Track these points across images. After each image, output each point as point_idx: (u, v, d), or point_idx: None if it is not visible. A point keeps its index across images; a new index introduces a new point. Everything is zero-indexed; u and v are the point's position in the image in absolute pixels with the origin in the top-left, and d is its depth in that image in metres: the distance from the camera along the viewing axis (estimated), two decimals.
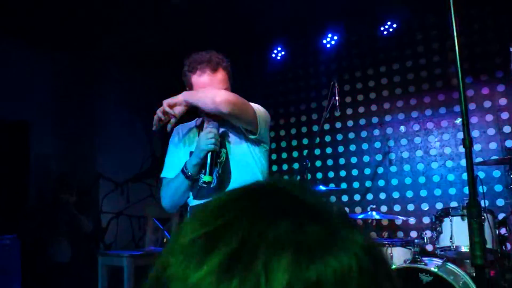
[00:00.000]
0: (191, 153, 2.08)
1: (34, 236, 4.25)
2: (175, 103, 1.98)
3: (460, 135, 4.32)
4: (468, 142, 1.63)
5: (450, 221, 3.19)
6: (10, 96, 4.53)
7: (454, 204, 3.84)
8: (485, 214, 3.11)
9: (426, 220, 4.42)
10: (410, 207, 4.60)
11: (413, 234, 4.45)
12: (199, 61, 2.02)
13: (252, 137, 2.06)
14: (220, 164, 2.04)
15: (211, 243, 0.39)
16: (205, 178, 1.94)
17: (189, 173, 2.00)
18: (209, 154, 1.95)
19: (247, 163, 2.07)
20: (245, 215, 0.41)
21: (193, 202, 2.10)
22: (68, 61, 5.07)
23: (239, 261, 0.37)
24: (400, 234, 4.59)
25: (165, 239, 4.39)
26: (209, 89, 2.01)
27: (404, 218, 4.01)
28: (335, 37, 5.01)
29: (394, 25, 4.71)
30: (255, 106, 2.10)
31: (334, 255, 0.39)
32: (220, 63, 2.03)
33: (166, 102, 1.98)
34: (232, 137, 2.09)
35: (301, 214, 0.42)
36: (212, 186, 2.00)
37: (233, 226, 0.40)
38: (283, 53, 5.30)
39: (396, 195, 4.69)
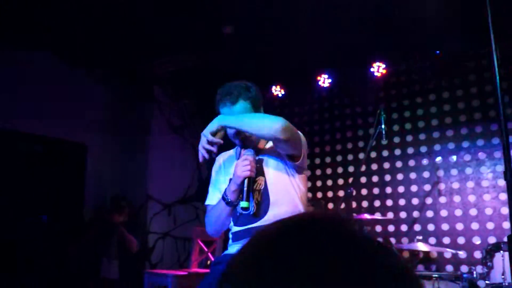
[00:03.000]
0: (231, 180, 2.14)
1: (87, 254, 4.45)
2: (215, 131, 2.03)
3: None
4: (509, 175, 1.59)
5: (502, 256, 3.06)
6: (69, 117, 4.84)
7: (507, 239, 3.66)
8: None
9: (477, 254, 4.24)
10: (461, 240, 4.42)
11: (463, 268, 4.27)
12: (221, 94, 2.09)
13: (295, 163, 2.10)
14: (259, 191, 2.08)
15: (262, 273, 0.43)
16: (242, 204, 2.00)
17: (229, 200, 2.07)
18: (246, 180, 2.01)
19: (286, 190, 2.10)
20: (299, 244, 0.45)
21: (234, 228, 2.16)
22: (121, 83, 5.37)
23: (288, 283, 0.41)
24: (449, 268, 4.41)
25: (209, 261, 4.45)
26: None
27: (453, 251, 3.86)
28: (383, 65, 4.98)
29: (442, 54, 4.64)
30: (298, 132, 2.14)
31: (376, 285, 0.43)
32: (240, 95, 2.06)
33: (208, 132, 2.02)
34: (271, 164, 2.12)
35: (348, 245, 0.46)
36: (250, 212, 2.05)
37: (286, 250, 0.44)
38: (330, 80, 5.33)
39: (445, 227, 4.53)
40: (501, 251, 3.07)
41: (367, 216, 4.01)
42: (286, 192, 2.10)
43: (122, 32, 4.36)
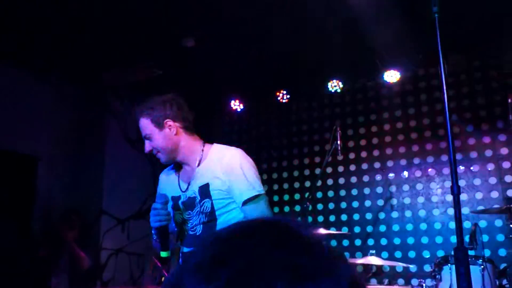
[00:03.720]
0: (172, 198, 2.19)
1: (36, 269, 4.25)
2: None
3: (462, 182, 4.34)
4: (457, 190, 1.68)
5: (450, 269, 3.17)
6: (20, 129, 4.65)
7: None
8: (485, 264, 3.10)
9: (427, 267, 4.37)
10: (411, 254, 4.56)
11: (414, 281, 4.39)
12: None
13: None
14: (206, 214, 2.10)
15: (221, 263, 0.45)
16: (162, 254, 2.05)
17: (156, 247, 2.13)
18: (159, 231, 2.05)
19: (231, 209, 2.11)
20: (246, 245, 0.47)
21: (184, 249, 2.20)
22: (76, 95, 5.22)
23: (246, 279, 0.43)
24: (401, 281, 4.52)
25: (163, 278, 4.35)
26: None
27: (404, 265, 3.97)
28: (339, 83, 5.10)
29: (398, 73, 4.81)
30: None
31: (323, 283, 0.45)
32: (140, 113, 2.18)
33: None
34: (216, 187, 2.11)
35: (299, 246, 0.48)
36: (197, 233, 2.12)
37: (235, 255, 0.46)
38: (288, 96, 5.40)
39: (397, 241, 4.66)
40: (449, 264, 3.19)
41: (322, 230, 4.06)
42: (230, 211, 2.11)
43: (78, 41, 4.26)
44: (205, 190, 2.10)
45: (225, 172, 2.07)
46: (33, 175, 4.79)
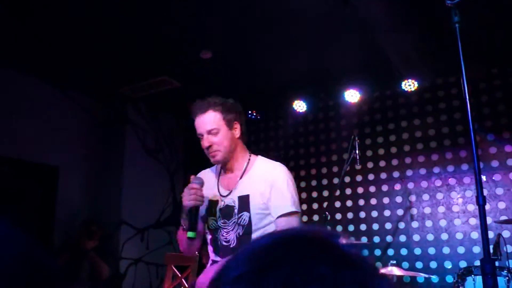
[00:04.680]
0: (209, 201, 2.17)
1: (57, 279, 4.29)
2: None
3: (484, 192, 4.26)
4: (482, 200, 1.65)
5: (473, 280, 3.12)
6: (41, 140, 4.73)
7: (478, 263, 3.73)
8: (509, 275, 3.04)
9: (449, 278, 4.30)
10: (433, 264, 4.49)
11: None
12: (196, 105, 2.15)
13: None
14: (243, 226, 2.07)
15: (264, 275, 0.43)
16: (189, 234, 2.03)
17: (183, 226, 2.11)
18: (190, 210, 2.04)
19: (267, 224, 2.08)
20: (288, 257, 0.45)
21: (215, 257, 2.16)
22: (96, 107, 5.31)
23: None
24: None
25: (182, 287, 4.36)
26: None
27: (426, 276, 3.91)
28: (357, 92, 5.08)
29: (416, 82, 4.77)
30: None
31: None
32: (210, 105, 2.11)
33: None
34: (256, 201, 2.09)
35: (338, 260, 0.47)
36: (231, 246, 2.08)
37: (277, 267, 0.44)
38: (305, 105, 5.39)
39: (418, 251, 4.60)
40: (472, 275, 3.13)
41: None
42: (268, 228, 2.07)
43: (99, 54, 4.34)
44: (244, 202, 2.08)
45: (268, 185, 2.06)
46: (54, 185, 4.87)
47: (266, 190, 2.06)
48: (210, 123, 2.10)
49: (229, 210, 2.12)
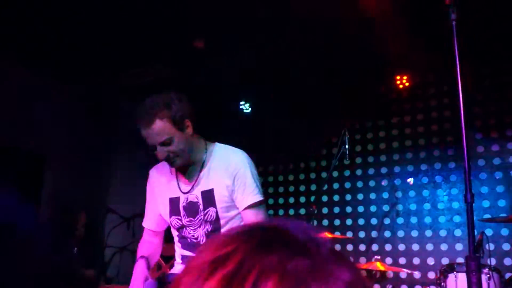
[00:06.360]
0: (170, 199, 2.09)
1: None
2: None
3: None
4: (470, 198, 1.66)
5: (455, 277, 3.15)
6: (29, 127, 4.66)
7: (460, 260, 3.79)
8: (491, 273, 3.07)
9: (431, 275, 4.35)
10: (416, 260, 4.53)
11: None
12: (138, 114, 1.94)
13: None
14: (210, 222, 2.02)
15: (215, 266, 0.48)
16: None
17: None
18: None
19: (234, 216, 2.06)
20: (242, 246, 0.49)
21: (183, 252, 2.14)
22: (85, 95, 5.24)
23: (234, 281, 0.45)
24: (404, 287, 4.50)
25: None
26: None
27: (409, 272, 3.95)
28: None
29: (408, 78, 4.79)
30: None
31: (316, 285, 0.45)
32: (156, 114, 1.88)
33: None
34: (221, 195, 2.03)
35: (292, 248, 0.48)
36: (200, 242, 2.03)
37: (232, 255, 0.48)
38: None
39: (402, 247, 4.64)
40: (454, 272, 3.16)
41: (327, 234, 4.05)
42: (237, 222, 2.05)
43: (90, 41, 4.28)
44: (209, 197, 2.01)
45: (231, 176, 1.98)
46: (40, 172, 4.81)
47: (230, 181, 1.98)
48: (160, 135, 1.89)
49: (193, 207, 2.03)
